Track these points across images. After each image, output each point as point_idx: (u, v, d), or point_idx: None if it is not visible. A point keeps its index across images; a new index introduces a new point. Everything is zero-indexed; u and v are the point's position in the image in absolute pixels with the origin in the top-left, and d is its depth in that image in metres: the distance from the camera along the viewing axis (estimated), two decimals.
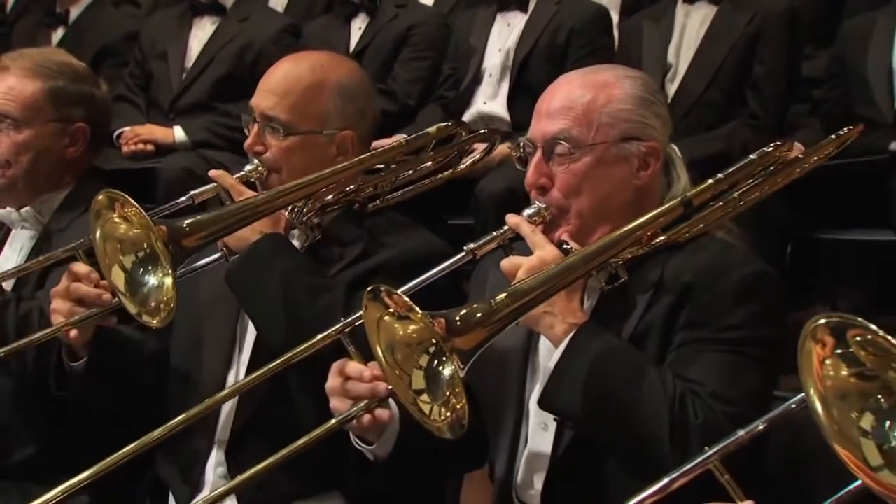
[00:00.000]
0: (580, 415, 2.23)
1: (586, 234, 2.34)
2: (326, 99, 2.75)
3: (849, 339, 1.67)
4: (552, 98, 2.41)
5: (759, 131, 4.68)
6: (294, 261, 2.62)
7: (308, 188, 2.64)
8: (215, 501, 2.40)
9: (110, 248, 2.52)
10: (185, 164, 5.12)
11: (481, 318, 2.06)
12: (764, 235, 4.17)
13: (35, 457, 3.02)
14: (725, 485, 1.86)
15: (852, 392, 1.68)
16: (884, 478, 1.66)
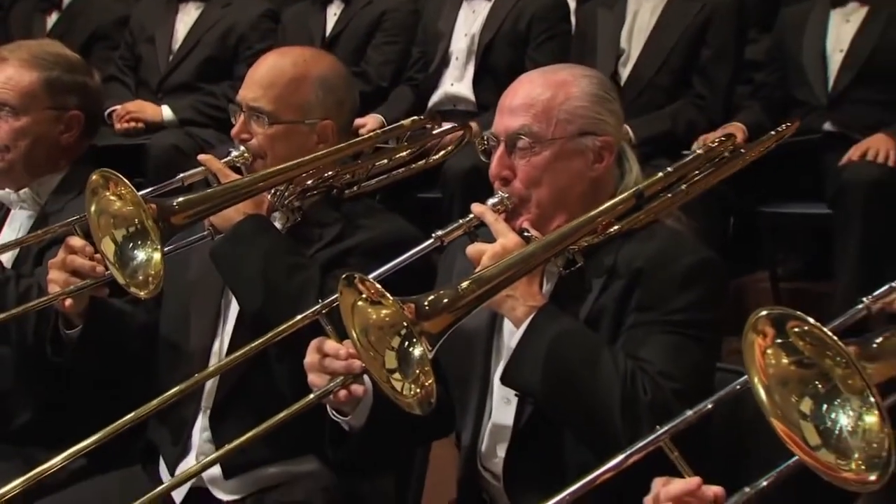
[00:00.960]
0: (539, 391, 2.23)
1: (545, 222, 2.34)
2: (308, 91, 2.74)
3: (788, 329, 1.69)
4: (514, 95, 2.40)
5: (704, 112, 4.70)
6: (274, 240, 2.63)
7: (289, 173, 2.64)
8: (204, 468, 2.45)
9: (104, 221, 2.53)
10: (173, 141, 5.12)
11: (448, 303, 2.07)
12: (710, 209, 4.20)
13: (35, 421, 3.01)
14: (675, 461, 1.88)
15: (792, 379, 1.70)
16: (822, 456, 1.68)
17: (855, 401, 1.65)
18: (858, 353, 1.63)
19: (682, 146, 4.59)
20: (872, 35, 4.49)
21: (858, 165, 4.25)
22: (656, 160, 4.58)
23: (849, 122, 4.48)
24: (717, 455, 2.07)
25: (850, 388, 1.65)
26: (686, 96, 4.75)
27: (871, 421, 1.63)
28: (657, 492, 1.87)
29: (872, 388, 1.60)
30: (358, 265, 2.54)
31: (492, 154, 2.39)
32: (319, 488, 2.64)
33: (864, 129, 4.38)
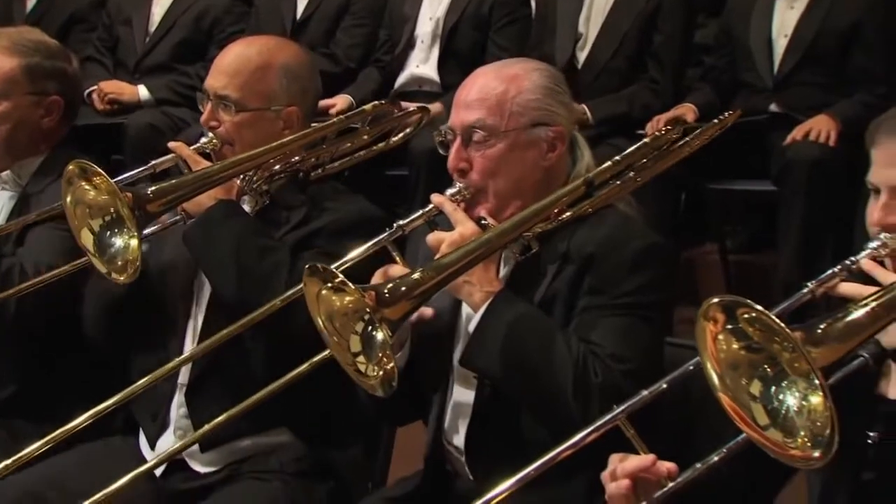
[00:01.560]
0: (495, 373, 2.24)
1: (501, 210, 2.34)
2: (273, 79, 2.72)
3: (738, 316, 1.70)
4: (469, 90, 2.39)
5: (657, 94, 4.72)
6: (244, 224, 2.62)
7: (257, 160, 2.64)
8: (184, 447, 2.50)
9: (80, 212, 2.53)
10: (150, 120, 5.10)
11: (406, 290, 2.08)
12: (663, 186, 4.21)
13: (19, 394, 3.01)
14: (632, 439, 1.89)
15: (742, 363, 1.71)
16: (770, 435, 1.69)
17: (801, 383, 1.66)
18: (804, 339, 1.64)
19: (637, 126, 4.62)
20: (815, 21, 4.49)
21: (801, 145, 4.28)
22: (613, 139, 4.62)
23: (793, 103, 4.49)
24: (669, 431, 2.07)
25: (797, 371, 1.66)
26: (640, 79, 4.75)
27: (816, 401, 1.64)
28: (614, 467, 1.88)
29: (817, 372, 1.62)
30: (324, 246, 2.59)
31: (449, 147, 2.38)
32: (291, 458, 2.65)
33: (807, 110, 4.41)
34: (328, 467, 2.67)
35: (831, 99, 4.43)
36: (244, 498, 2.59)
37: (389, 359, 2.09)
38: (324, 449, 2.67)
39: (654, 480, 1.86)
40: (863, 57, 4.48)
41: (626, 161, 2.42)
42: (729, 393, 1.71)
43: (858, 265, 1.87)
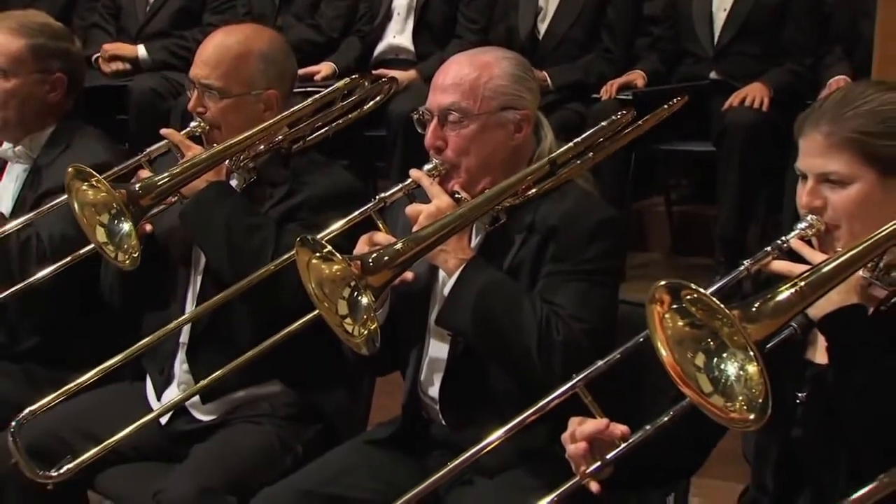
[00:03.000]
0: (468, 331, 2.23)
1: (473, 185, 2.32)
2: (252, 65, 2.66)
3: (682, 297, 1.68)
4: (445, 75, 2.35)
5: (611, 62, 4.69)
6: (234, 205, 2.59)
7: (243, 143, 2.61)
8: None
9: (88, 212, 2.52)
10: (152, 84, 5.01)
11: (388, 260, 2.06)
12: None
13: (40, 346, 2.98)
14: (589, 405, 1.88)
15: (687, 338, 1.70)
16: (713, 401, 1.68)
17: (739, 354, 1.65)
18: (740, 316, 1.62)
19: (592, 91, 4.60)
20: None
21: (738, 110, 4.27)
22: (571, 104, 4.61)
23: (730, 71, 4.48)
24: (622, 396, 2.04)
25: (736, 344, 1.65)
26: (595, 49, 4.73)
27: (752, 371, 1.63)
28: (573, 430, 1.87)
29: (752, 346, 1.61)
30: (307, 219, 2.58)
31: (426, 126, 2.35)
32: (282, 403, 2.64)
33: (743, 77, 4.40)
34: (315, 411, 2.66)
35: (764, 67, 4.41)
36: (240, 438, 2.58)
37: (373, 321, 2.08)
38: (311, 395, 2.65)
39: (608, 441, 1.85)
40: (792, 30, 4.47)
41: (585, 142, 2.38)
42: (676, 365, 1.70)
43: (788, 244, 1.84)
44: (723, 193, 4.34)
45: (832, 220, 1.87)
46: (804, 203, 1.89)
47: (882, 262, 1.81)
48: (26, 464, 2.42)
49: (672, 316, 1.69)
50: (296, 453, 2.58)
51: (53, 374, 2.91)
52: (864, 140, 1.84)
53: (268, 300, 2.47)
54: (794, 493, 1.89)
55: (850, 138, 1.84)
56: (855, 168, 1.85)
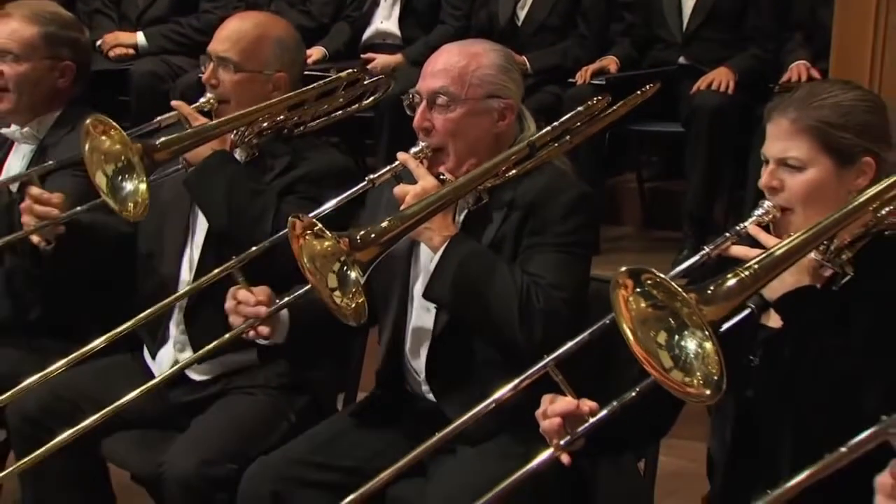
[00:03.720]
0: (453, 303, 2.25)
1: (458, 167, 2.33)
2: (268, 47, 2.70)
3: (643, 281, 1.70)
4: (436, 62, 2.36)
5: (586, 48, 4.69)
6: (238, 170, 2.61)
7: (248, 118, 2.62)
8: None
9: (95, 157, 2.51)
10: (152, 67, 4.98)
11: (376, 237, 2.08)
12: None
13: (44, 316, 2.98)
14: (560, 383, 1.90)
15: (650, 318, 1.71)
16: (673, 376, 1.70)
17: (698, 333, 1.67)
18: (697, 299, 1.64)
19: (569, 75, 4.60)
20: None
21: (705, 93, 4.28)
22: (549, 87, 4.61)
23: (698, 56, 4.49)
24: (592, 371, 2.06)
25: (694, 323, 1.67)
26: (572, 35, 4.73)
27: (709, 348, 1.65)
28: (545, 408, 1.89)
29: (708, 327, 1.63)
30: (305, 192, 2.60)
31: (416, 108, 2.36)
32: (275, 374, 2.65)
33: (710, 62, 4.41)
34: (306, 382, 2.67)
35: (730, 53, 4.42)
36: (237, 409, 2.60)
37: (360, 295, 2.09)
38: (302, 366, 2.67)
39: (579, 416, 1.87)
40: (756, 17, 4.48)
41: (562, 126, 2.40)
42: (640, 343, 1.71)
43: (746, 230, 1.87)
44: (691, 170, 4.36)
45: (787, 202, 1.90)
46: (763, 182, 1.93)
47: (833, 245, 1.84)
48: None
49: (635, 298, 1.71)
50: (290, 421, 2.59)
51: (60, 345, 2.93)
52: (824, 130, 1.88)
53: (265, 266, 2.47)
54: (748, 447, 1.93)
55: (812, 126, 1.88)
56: (813, 154, 1.89)
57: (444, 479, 2.22)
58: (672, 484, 2.40)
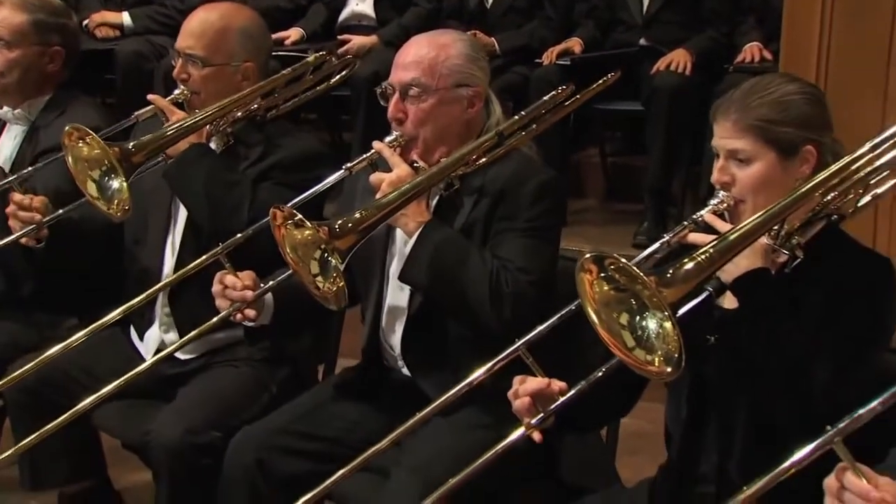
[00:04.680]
0: (427, 286, 2.25)
1: (430, 154, 2.32)
2: (232, 39, 2.66)
3: (606, 266, 1.71)
4: (407, 54, 2.35)
5: (552, 29, 4.67)
6: (215, 163, 2.59)
7: (222, 111, 2.61)
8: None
9: (80, 167, 2.51)
10: (136, 47, 4.91)
11: (353, 226, 2.07)
12: None
13: (37, 291, 2.96)
14: (531, 366, 1.91)
15: (613, 300, 1.72)
16: (636, 355, 1.71)
17: (658, 314, 1.68)
18: (657, 282, 1.65)
19: (535, 56, 4.57)
20: None
21: (664, 73, 4.26)
22: (517, 68, 4.59)
23: (658, 38, 4.45)
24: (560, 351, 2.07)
25: (654, 305, 1.68)
26: (538, 17, 4.70)
27: (669, 328, 1.66)
28: (516, 388, 1.90)
29: (668, 308, 1.65)
30: (279, 178, 2.59)
31: (389, 99, 2.35)
32: (257, 348, 2.64)
33: (669, 44, 4.37)
34: (287, 355, 2.67)
35: (688, 35, 4.38)
36: (221, 381, 2.60)
37: (341, 279, 2.09)
38: (283, 340, 2.67)
39: (549, 396, 1.88)
40: (712, 1, 4.45)
41: (529, 115, 2.39)
42: (604, 325, 1.72)
43: (703, 218, 1.89)
44: (651, 148, 4.35)
45: (739, 194, 1.92)
46: (715, 178, 1.94)
47: (783, 230, 1.86)
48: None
49: (599, 282, 1.72)
50: (271, 392, 2.59)
51: (53, 318, 2.94)
52: (765, 126, 1.90)
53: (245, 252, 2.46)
54: (702, 420, 1.95)
55: (754, 125, 1.90)
56: (758, 149, 1.90)
57: (418, 447, 2.23)
58: (633, 444, 2.42)
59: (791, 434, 1.76)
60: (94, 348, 2.68)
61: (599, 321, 1.72)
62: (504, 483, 2.17)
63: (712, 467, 1.91)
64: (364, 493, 2.26)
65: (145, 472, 2.65)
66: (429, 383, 2.27)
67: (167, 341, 2.66)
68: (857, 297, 1.84)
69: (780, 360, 1.79)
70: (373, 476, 2.23)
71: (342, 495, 2.30)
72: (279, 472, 2.30)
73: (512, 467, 1.98)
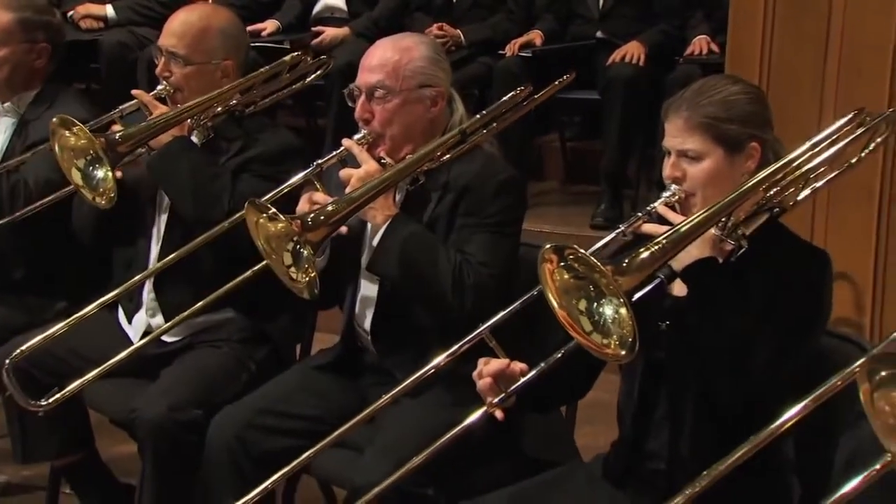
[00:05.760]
0: (393, 276, 2.24)
1: (396, 151, 2.30)
2: (212, 38, 2.64)
3: (566, 256, 1.71)
4: (372, 57, 2.33)
5: (514, 22, 4.64)
6: (197, 155, 2.56)
7: (203, 105, 2.58)
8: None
9: (66, 156, 2.47)
10: (120, 38, 4.83)
11: (324, 219, 2.06)
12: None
13: (27, 276, 2.95)
14: (494, 348, 1.91)
15: (572, 288, 1.72)
16: (593, 338, 1.72)
17: (614, 300, 1.69)
18: (614, 271, 1.66)
19: (499, 48, 4.55)
20: None
21: (619, 64, 4.25)
22: (482, 58, 4.56)
23: (613, 31, 4.44)
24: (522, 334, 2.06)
25: (611, 292, 1.68)
26: (501, 10, 4.67)
27: (624, 313, 1.67)
28: (480, 369, 1.90)
29: (623, 295, 1.65)
30: (258, 170, 2.57)
31: (356, 101, 2.33)
32: (236, 329, 2.63)
33: (624, 37, 4.36)
34: (265, 335, 2.66)
35: (641, 28, 4.38)
36: (202, 361, 2.58)
37: (313, 269, 2.08)
38: (262, 321, 2.65)
39: (510, 377, 1.88)
40: None
41: (490, 115, 2.37)
42: (564, 310, 1.73)
43: (656, 210, 1.89)
44: (607, 133, 4.35)
45: (690, 188, 1.92)
46: (667, 174, 1.94)
47: (730, 221, 1.87)
48: (20, 395, 2.40)
49: (559, 271, 1.72)
50: (250, 371, 2.58)
51: (43, 301, 2.91)
52: (713, 124, 1.90)
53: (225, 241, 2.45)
54: (654, 400, 1.96)
55: (702, 122, 1.91)
56: (707, 146, 1.91)
57: (390, 425, 2.23)
58: (589, 413, 2.42)
59: (734, 411, 1.79)
60: (80, 330, 2.63)
61: (559, 307, 1.72)
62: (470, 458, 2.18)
63: (663, 445, 1.92)
64: (340, 468, 2.26)
65: (131, 444, 2.64)
66: (397, 366, 2.27)
67: (153, 325, 2.64)
68: (796, 285, 1.86)
69: (724, 342, 1.80)
70: (348, 452, 2.23)
71: (320, 470, 2.30)
72: (260, 449, 2.29)
73: (477, 443, 1.98)
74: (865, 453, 1.41)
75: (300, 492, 2.52)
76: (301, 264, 2.08)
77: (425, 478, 2.04)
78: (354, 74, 2.40)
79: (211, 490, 2.31)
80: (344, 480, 2.24)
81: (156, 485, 2.45)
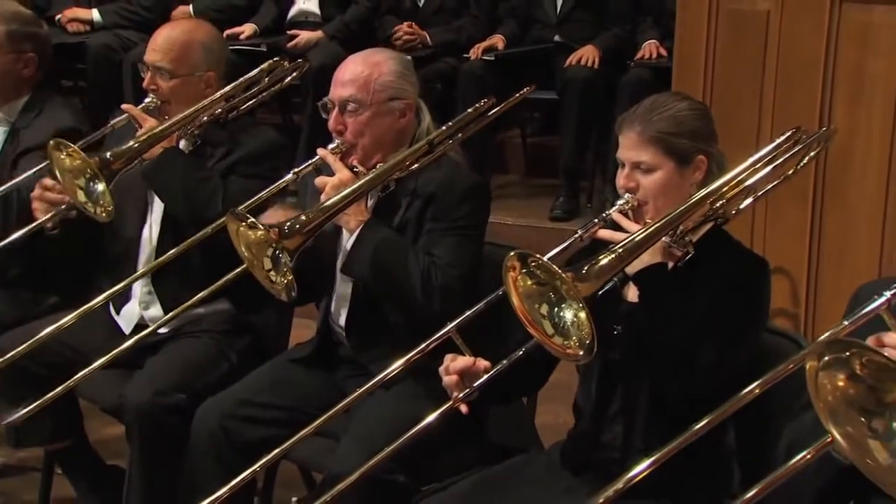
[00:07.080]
0: (366, 277, 2.23)
1: (368, 160, 2.29)
2: (195, 52, 2.62)
3: (529, 263, 1.71)
4: (344, 72, 2.31)
5: (478, 26, 4.61)
6: (187, 163, 2.55)
7: (189, 118, 2.57)
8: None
9: (66, 178, 2.46)
10: (106, 41, 4.75)
11: (300, 227, 2.04)
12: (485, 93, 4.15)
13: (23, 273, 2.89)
14: (460, 346, 1.90)
15: (534, 293, 1.72)
16: (554, 340, 1.72)
17: (574, 304, 1.69)
18: (573, 277, 1.66)
19: (463, 51, 4.52)
20: None
21: (576, 67, 4.24)
22: (447, 59, 4.53)
23: (570, 35, 4.42)
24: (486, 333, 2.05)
25: (571, 297, 1.69)
26: (465, 14, 4.65)
27: (583, 317, 1.67)
28: (447, 365, 1.90)
29: (582, 301, 1.66)
30: (244, 171, 2.56)
31: (329, 113, 2.31)
32: (220, 320, 2.62)
33: (580, 41, 4.35)
34: (246, 327, 2.64)
35: (596, 33, 4.37)
36: (186, 349, 2.56)
37: (290, 273, 2.06)
38: (245, 314, 2.64)
39: (475, 373, 1.88)
40: (616, 3, 4.43)
41: (455, 126, 2.35)
42: (527, 313, 1.73)
43: (611, 216, 1.89)
44: (565, 130, 4.34)
45: (643, 198, 1.92)
46: (622, 185, 1.94)
47: (679, 230, 1.87)
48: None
49: (522, 277, 1.72)
50: (231, 360, 2.57)
51: (37, 297, 2.87)
52: (664, 139, 1.90)
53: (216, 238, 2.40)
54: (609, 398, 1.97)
55: (654, 136, 1.91)
56: (659, 159, 1.91)
57: (364, 415, 2.22)
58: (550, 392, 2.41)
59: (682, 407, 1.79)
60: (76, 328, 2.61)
61: (522, 311, 1.72)
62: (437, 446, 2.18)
63: (617, 436, 1.93)
64: (318, 456, 2.26)
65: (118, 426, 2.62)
66: (369, 360, 2.27)
67: (147, 317, 2.63)
68: (738, 290, 1.87)
69: (672, 344, 1.81)
70: (326, 440, 2.22)
71: (299, 458, 2.30)
72: (242, 439, 2.28)
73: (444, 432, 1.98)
74: (806, 441, 1.42)
75: (280, 474, 2.51)
76: (279, 269, 2.07)
77: (396, 465, 2.04)
78: (328, 75, 2.38)
79: (196, 478, 2.30)
80: (321, 466, 2.23)
81: (143, 466, 2.45)
